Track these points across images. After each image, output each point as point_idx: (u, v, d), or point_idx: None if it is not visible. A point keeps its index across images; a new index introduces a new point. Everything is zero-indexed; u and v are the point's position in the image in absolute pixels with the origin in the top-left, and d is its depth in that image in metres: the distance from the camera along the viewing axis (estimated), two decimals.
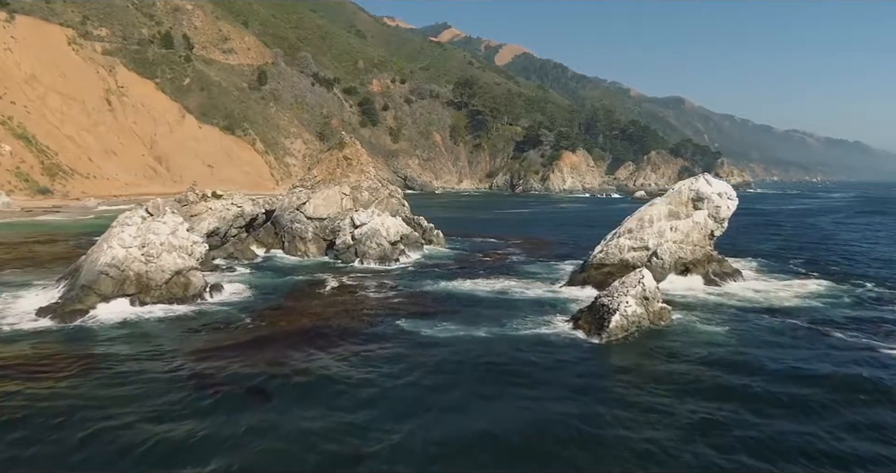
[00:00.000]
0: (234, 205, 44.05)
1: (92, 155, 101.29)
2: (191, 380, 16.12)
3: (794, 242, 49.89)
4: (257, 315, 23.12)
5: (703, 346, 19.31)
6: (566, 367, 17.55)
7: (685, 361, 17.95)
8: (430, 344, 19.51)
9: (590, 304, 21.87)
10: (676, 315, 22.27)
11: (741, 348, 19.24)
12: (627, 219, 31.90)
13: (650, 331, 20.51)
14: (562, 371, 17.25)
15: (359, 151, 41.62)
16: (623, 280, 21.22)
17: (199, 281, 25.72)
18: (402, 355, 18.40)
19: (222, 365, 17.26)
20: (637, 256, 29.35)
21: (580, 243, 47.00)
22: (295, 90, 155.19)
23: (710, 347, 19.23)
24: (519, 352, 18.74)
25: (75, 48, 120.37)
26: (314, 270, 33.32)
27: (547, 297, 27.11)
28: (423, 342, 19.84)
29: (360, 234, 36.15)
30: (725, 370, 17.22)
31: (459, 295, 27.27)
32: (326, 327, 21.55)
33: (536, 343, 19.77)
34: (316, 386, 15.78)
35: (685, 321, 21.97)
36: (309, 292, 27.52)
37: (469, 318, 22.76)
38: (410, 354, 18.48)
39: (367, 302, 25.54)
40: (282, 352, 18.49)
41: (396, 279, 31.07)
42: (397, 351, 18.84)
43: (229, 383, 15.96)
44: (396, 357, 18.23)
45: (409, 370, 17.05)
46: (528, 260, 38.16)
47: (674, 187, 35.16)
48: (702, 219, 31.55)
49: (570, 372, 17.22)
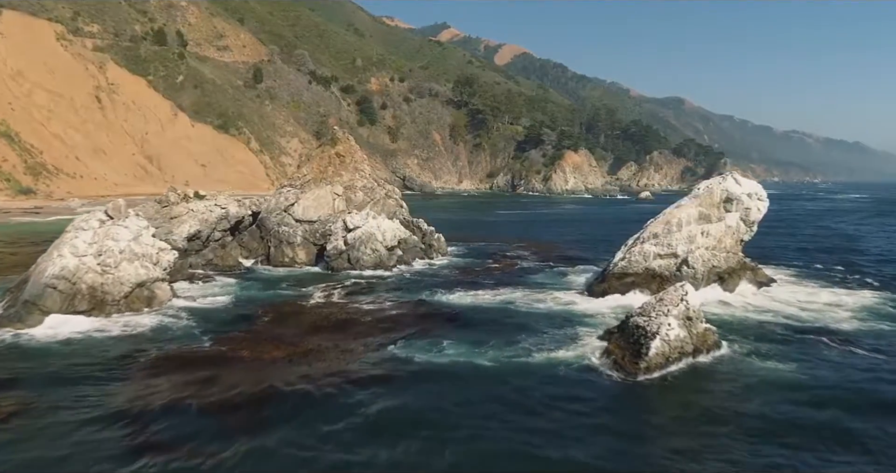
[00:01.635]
0: (217, 207, 40.67)
1: (79, 154, 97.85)
2: (122, 419, 12.82)
3: (820, 246, 46.63)
4: (226, 337, 19.75)
5: (767, 388, 15.56)
6: (598, 412, 14.12)
7: (751, 407, 14.38)
8: (423, 377, 16.14)
9: (620, 325, 18.54)
10: (721, 337, 18.89)
11: (815, 388, 15.60)
12: (651, 223, 28.57)
13: (695, 361, 17.13)
14: (593, 417, 13.84)
15: (353, 148, 38.27)
16: (661, 296, 17.88)
17: (166, 295, 22.37)
18: (387, 392, 15.04)
19: (168, 401, 13.95)
20: (664, 265, 26.04)
21: (592, 247, 43.74)
22: (291, 88, 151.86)
23: (776, 388, 15.50)
24: (533, 389, 15.29)
25: (64, 44, 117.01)
26: (301, 279, 29.98)
27: (562, 312, 23.81)
28: (416, 373, 16.47)
29: (354, 239, 32.80)
30: (805, 418, 13.80)
31: (462, 310, 23.99)
32: (302, 354, 18.22)
33: (555, 374, 16.38)
34: (273, 438, 12.43)
35: (733, 347, 18.58)
36: (292, 307, 24.14)
37: (472, 339, 19.45)
38: (398, 392, 15.10)
39: (355, 320, 22.19)
40: (241, 388, 15.16)
41: (392, 289, 27.74)
42: (382, 386, 15.44)
43: (168, 426, 12.65)
44: (380, 394, 14.87)
45: (392, 415, 13.67)
46: (536, 266, 34.85)
47: (699, 187, 31.88)
48: (734, 222, 28.27)
49: (604, 418, 13.78)
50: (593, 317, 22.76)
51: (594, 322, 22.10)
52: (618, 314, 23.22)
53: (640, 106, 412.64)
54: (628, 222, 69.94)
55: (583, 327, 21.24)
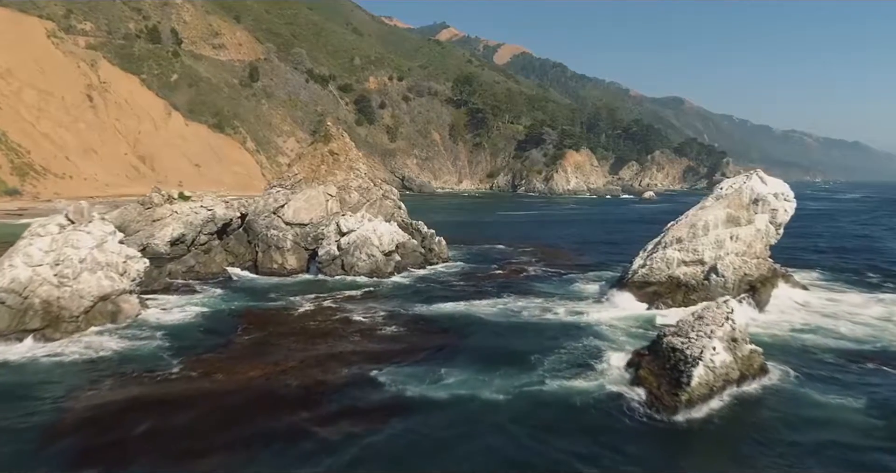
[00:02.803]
0: (203, 208, 38.14)
1: (69, 153, 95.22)
2: None
3: (837, 247, 44.30)
4: (198, 358, 17.29)
5: (835, 428, 13.00)
6: (633, 461, 11.56)
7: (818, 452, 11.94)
8: (415, 415, 13.58)
9: (651, 345, 16.05)
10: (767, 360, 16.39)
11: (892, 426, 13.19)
12: (672, 226, 26.08)
13: (740, 390, 14.64)
14: (627, 468, 11.31)
15: (347, 145, 35.74)
16: (701, 314, 15.39)
17: (133, 309, 19.85)
18: (370, 434, 12.50)
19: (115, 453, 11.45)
20: (690, 273, 23.56)
21: (600, 251, 41.30)
22: (288, 87, 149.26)
23: (846, 429, 12.95)
24: (550, 432, 12.73)
25: (55, 42, 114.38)
26: (290, 288, 27.47)
27: (576, 325, 21.33)
28: (407, 408, 13.92)
29: (348, 243, 30.29)
30: None
31: (465, 323, 21.55)
32: (281, 376, 15.78)
33: (575, 410, 13.82)
34: None
35: (782, 372, 16.06)
36: (276, 320, 21.64)
37: (476, 362, 16.98)
38: (383, 435, 12.52)
39: (345, 337, 19.68)
40: (205, 427, 12.74)
41: (389, 299, 25.25)
42: (364, 425, 12.93)
43: None
44: (359, 437, 12.31)
45: (372, 467, 11.11)
46: (544, 273, 32.36)
47: (721, 186, 29.43)
48: (763, 224, 25.82)
49: (641, 471, 11.24)
50: (613, 333, 20.29)
51: (615, 338, 19.63)
52: (642, 328, 20.78)
53: (641, 105, 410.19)
54: (634, 223, 67.66)
55: (603, 345, 18.77)
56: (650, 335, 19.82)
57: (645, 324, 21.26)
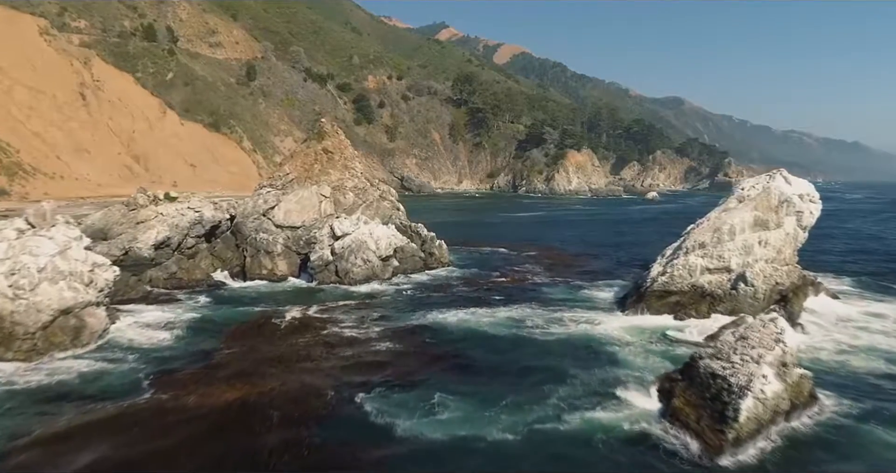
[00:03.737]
0: (190, 210, 36.08)
1: (61, 153, 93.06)
2: None
3: (860, 251, 42.24)
4: (172, 378, 15.29)
5: None
6: None
7: None
8: (401, 464, 11.47)
9: (685, 369, 14.00)
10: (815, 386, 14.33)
11: None
12: (693, 229, 24.04)
13: (790, 423, 12.60)
14: None
15: (342, 143, 33.67)
16: (743, 333, 13.35)
17: (100, 324, 17.77)
18: None
19: None
20: (715, 281, 21.52)
21: (611, 255, 39.24)
22: (286, 86, 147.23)
23: None
24: None
25: (48, 39, 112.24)
26: (279, 296, 25.43)
27: (592, 340, 19.32)
28: (393, 453, 11.78)
29: (342, 248, 28.24)
30: None
31: (466, 338, 19.54)
32: (255, 406, 13.86)
33: (600, 454, 11.71)
34: None
35: (833, 401, 14.00)
36: (261, 336, 19.58)
37: (478, 387, 15.01)
38: None
39: (333, 355, 17.64)
40: (168, 454, 10.77)
41: (385, 310, 23.21)
42: None
43: None
44: None
45: None
46: (551, 279, 30.31)
47: (742, 187, 27.41)
48: (792, 228, 23.79)
49: None
50: (634, 350, 18.23)
51: (637, 357, 17.58)
52: (666, 345, 18.74)
53: (641, 106, 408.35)
54: (641, 224, 65.61)
55: (624, 365, 16.75)
56: (676, 353, 17.83)
57: (668, 340, 19.23)
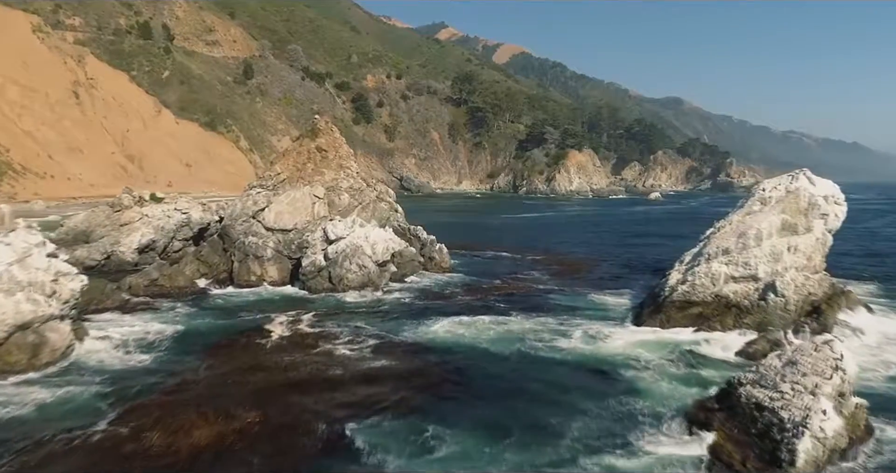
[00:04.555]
0: (177, 211, 34.38)
1: (53, 152, 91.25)
2: None
3: (880, 254, 40.51)
4: (138, 406, 13.53)
5: None
6: None
7: None
8: None
9: (722, 396, 12.22)
10: None
11: None
12: (714, 233, 22.26)
13: (851, 465, 10.80)
14: None
15: (337, 141, 31.87)
16: (792, 357, 11.58)
17: (62, 340, 15.97)
18: None
19: None
20: (741, 291, 19.75)
21: (619, 259, 37.45)
22: (283, 84, 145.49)
23: None
24: None
25: (41, 36, 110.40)
26: (269, 306, 23.61)
27: (605, 357, 17.56)
28: None
29: (336, 253, 26.44)
30: None
31: (467, 357, 17.79)
32: (226, 440, 12.05)
33: None
34: None
35: (890, 434, 12.21)
36: (243, 353, 17.77)
37: (478, 418, 13.30)
38: None
39: (322, 377, 15.84)
40: None
41: (381, 321, 21.43)
42: None
43: None
44: None
45: None
46: (559, 287, 28.51)
47: (764, 188, 25.65)
48: (821, 232, 22.03)
49: None
50: (655, 369, 16.45)
51: (659, 377, 15.81)
52: (692, 364, 16.95)
53: (641, 106, 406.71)
54: (648, 225, 63.68)
55: (645, 389, 14.99)
56: (704, 374, 16.06)
57: (692, 357, 17.44)
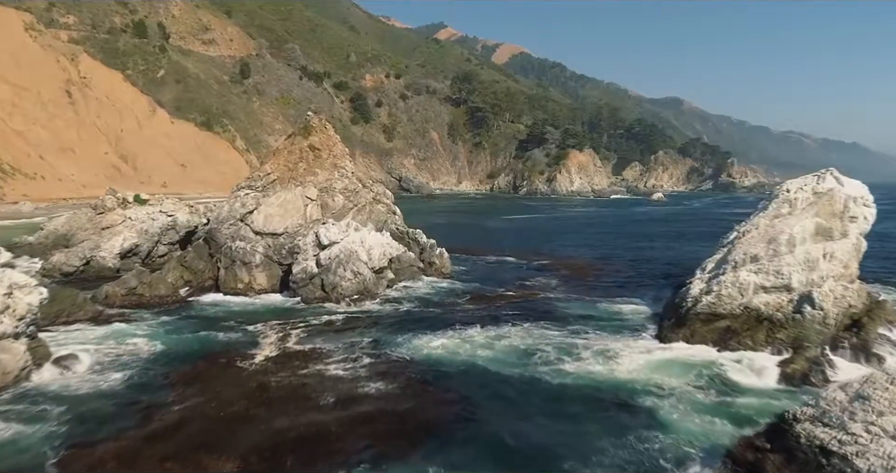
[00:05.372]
0: (162, 214, 32.58)
1: (44, 152, 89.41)
2: None
3: (888, 255, 38.82)
4: (87, 448, 11.60)
5: None
6: None
7: None
8: None
9: (774, 433, 10.40)
10: None
11: None
12: (739, 238, 20.45)
13: None
14: None
15: (331, 139, 30.04)
16: (861, 391, 9.77)
17: (16, 362, 14.17)
18: None
19: None
20: (773, 303, 17.94)
21: (628, 264, 35.61)
22: (281, 84, 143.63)
23: None
24: None
25: (33, 35, 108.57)
26: (256, 317, 21.77)
27: (624, 381, 15.72)
28: None
29: (329, 259, 24.61)
30: None
31: (469, 381, 15.96)
32: None
33: None
34: None
35: None
36: (222, 377, 15.91)
37: (483, 462, 11.43)
38: None
39: (309, 406, 13.98)
40: None
41: (377, 335, 19.60)
42: None
43: None
44: None
45: None
46: (567, 294, 26.72)
47: (789, 189, 23.90)
48: (856, 238, 20.21)
49: None
50: (682, 399, 14.52)
51: (688, 409, 13.94)
52: (723, 390, 15.11)
53: (640, 106, 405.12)
54: (652, 227, 61.67)
55: (672, 423, 13.15)
56: (739, 404, 14.23)
57: (723, 381, 15.59)
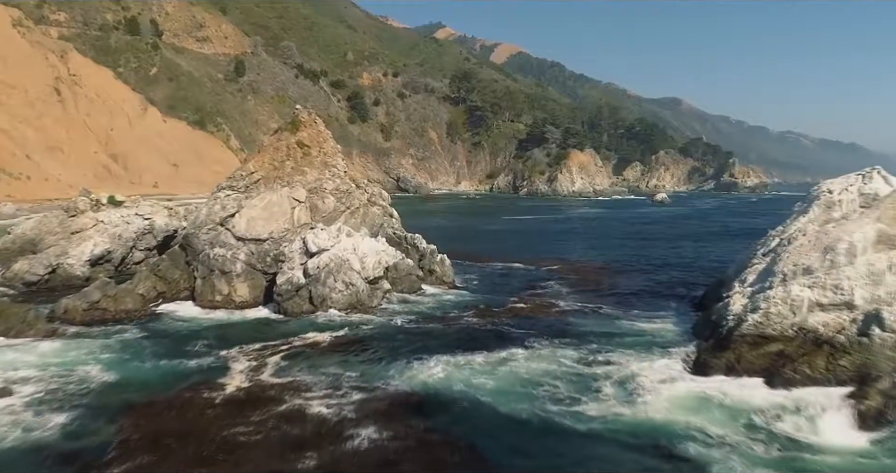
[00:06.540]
0: (138, 217, 29.91)
1: (31, 151, 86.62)
2: None
3: None
4: None
5: None
6: None
7: None
8: None
9: None
10: None
11: None
12: (784, 246, 17.89)
13: None
14: None
15: (321, 135, 27.42)
16: None
17: None
18: None
19: None
20: (832, 323, 15.38)
21: (643, 270, 33.05)
22: (276, 82, 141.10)
23: None
24: None
25: (21, 31, 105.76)
26: (233, 337, 19.15)
27: (658, 427, 13.12)
28: None
29: (318, 268, 22.01)
30: None
31: (473, 423, 13.45)
32: None
33: None
34: None
35: None
36: (181, 418, 13.28)
37: None
38: None
39: (280, 454, 11.36)
40: None
41: (369, 359, 17.02)
42: None
43: None
44: None
45: None
46: (581, 306, 24.20)
47: (831, 190, 21.60)
48: None
49: None
50: (732, 451, 11.94)
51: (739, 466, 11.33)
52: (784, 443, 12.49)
53: (639, 106, 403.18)
54: (660, 229, 58.86)
55: None
56: (807, 460, 11.62)
57: (781, 426, 12.99)
